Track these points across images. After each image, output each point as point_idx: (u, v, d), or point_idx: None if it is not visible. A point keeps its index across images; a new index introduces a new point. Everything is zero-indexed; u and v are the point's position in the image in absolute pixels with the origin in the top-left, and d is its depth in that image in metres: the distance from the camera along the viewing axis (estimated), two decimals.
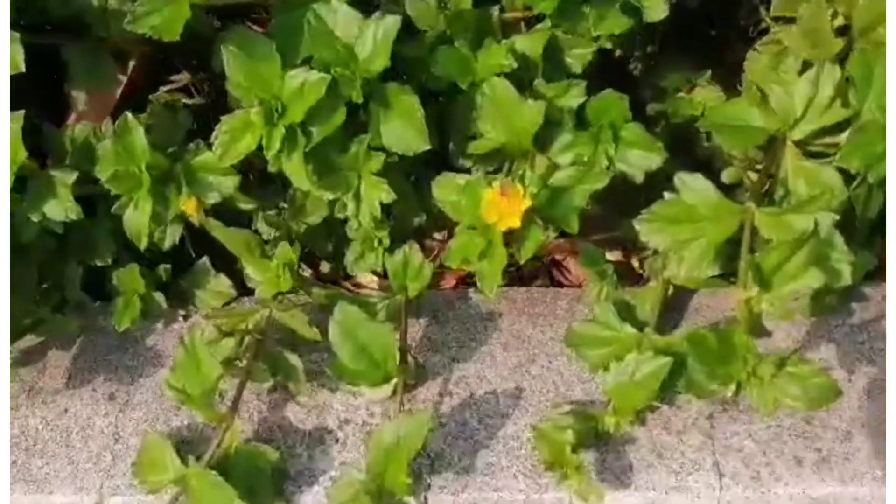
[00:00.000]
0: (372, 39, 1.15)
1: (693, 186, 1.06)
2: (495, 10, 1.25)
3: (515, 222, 1.07)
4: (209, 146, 1.15)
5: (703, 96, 1.24)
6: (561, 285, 1.31)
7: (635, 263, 1.27)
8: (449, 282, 1.32)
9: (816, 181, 1.04)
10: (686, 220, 1.04)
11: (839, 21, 1.07)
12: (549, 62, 1.23)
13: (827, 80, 1.05)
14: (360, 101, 1.14)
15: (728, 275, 1.04)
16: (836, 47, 1.07)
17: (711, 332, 0.98)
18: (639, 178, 1.16)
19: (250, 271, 1.19)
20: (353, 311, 1.09)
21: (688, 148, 1.21)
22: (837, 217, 0.99)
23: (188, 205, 1.14)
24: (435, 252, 1.32)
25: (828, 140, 1.07)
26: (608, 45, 1.18)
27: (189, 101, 1.31)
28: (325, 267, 1.38)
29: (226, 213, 1.18)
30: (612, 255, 1.27)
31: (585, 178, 1.12)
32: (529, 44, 1.21)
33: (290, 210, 1.26)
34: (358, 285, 1.34)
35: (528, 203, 1.07)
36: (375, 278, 1.33)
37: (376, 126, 1.17)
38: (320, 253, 1.33)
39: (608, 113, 1.17)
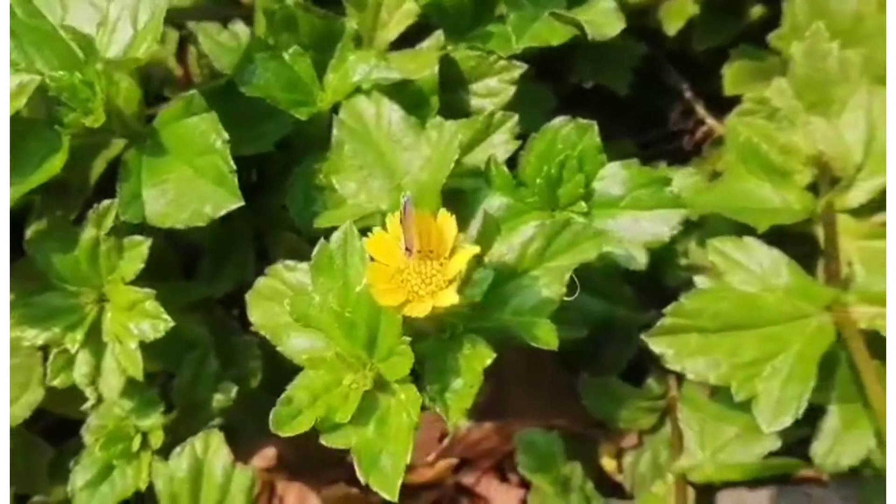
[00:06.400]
0: None
1: (747, 259, 0.62)
2: (350, 20, 0.75)
3: (446, 298, 0.51)
4: None
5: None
6: None
7: (607, 462, 0.82)
8: None
9: None
10: (746, 323, 0.62)
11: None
12: (444, 100, 0.73)
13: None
14: None
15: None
16: (847, 95, 0.75)
17: None
18: (640, 262, 0.63)
19: None
20: None
21: None
22: None
23: None
24: None
25: None
26: None
27: None
28: None
29: None
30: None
31: (561, 244, 0.57)
32: (414, 65, 0.71)
33: None
34: None
35: (469, 253, 0.52)
36: None
37: (135, 183, 0.61)
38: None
39: (570, 149, 0.64)
